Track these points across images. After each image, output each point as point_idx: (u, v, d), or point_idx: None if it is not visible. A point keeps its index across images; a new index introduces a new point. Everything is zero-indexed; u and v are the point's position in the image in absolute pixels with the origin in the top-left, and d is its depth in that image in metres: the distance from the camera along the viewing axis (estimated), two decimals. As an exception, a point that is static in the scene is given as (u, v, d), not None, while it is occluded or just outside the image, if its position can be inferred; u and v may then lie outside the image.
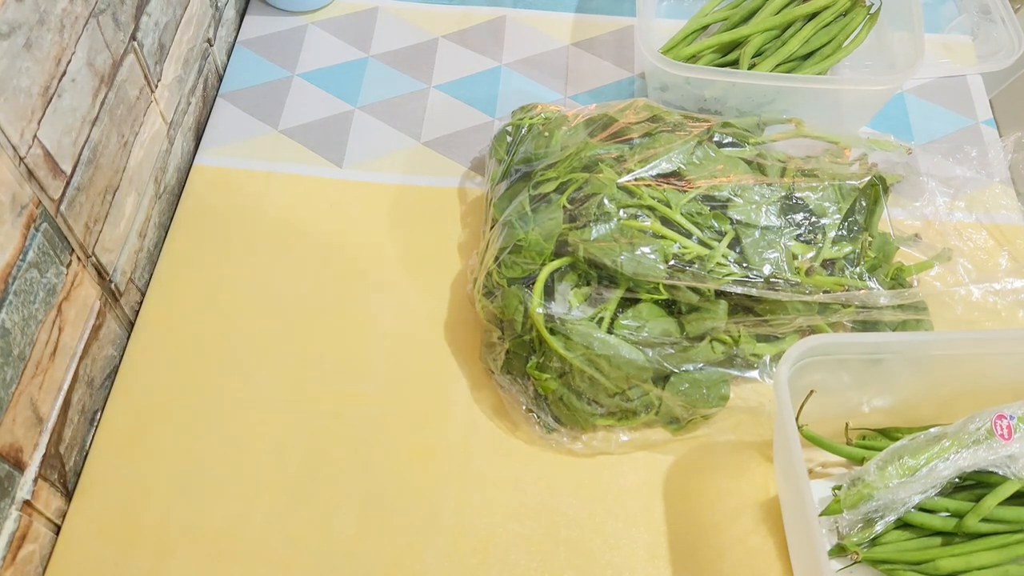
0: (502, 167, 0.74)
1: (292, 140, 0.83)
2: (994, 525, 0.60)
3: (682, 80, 0.79)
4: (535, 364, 0.64)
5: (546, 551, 0.62)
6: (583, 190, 0.66)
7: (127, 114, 0.69)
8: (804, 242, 0.66)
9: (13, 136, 0.53)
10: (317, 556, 0.62)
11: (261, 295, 0.74)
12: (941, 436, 0.59)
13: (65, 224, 0.61)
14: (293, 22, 0.93)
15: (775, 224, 0.65)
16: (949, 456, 0.58)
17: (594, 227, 0.64)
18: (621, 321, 0.63)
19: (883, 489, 0.58)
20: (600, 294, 0.64)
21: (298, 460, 0.66)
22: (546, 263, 0.64)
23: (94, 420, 0.68)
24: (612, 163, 0.67)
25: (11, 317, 0.55)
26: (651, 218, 0.64)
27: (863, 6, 0.86)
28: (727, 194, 0.66)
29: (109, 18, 0.65)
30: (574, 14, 0.95)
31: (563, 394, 0.64)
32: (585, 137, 0.71)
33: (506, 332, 0.65)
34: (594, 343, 0.62)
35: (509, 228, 0.66)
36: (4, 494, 0.55)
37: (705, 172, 0.67)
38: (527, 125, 0.75)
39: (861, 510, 0.59)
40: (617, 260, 0.62)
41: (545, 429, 0.65)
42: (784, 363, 0.57)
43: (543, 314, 0.63)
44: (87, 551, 0.61)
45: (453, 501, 0.64)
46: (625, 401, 0.64)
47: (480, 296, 0.67)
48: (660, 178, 0.67)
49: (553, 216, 0.65)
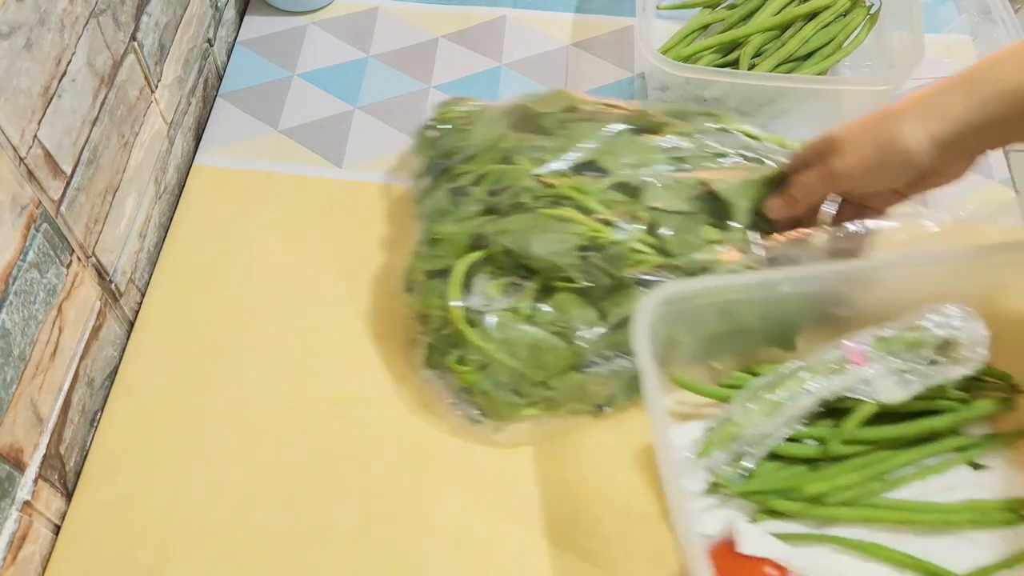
0: (425, 163, 0.74)
1: (292, 140, 0.83)
2: (856, 447, 0.63)
3: (682, 80, 0.79)
4: (456, 358, 0.64)
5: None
6: (500, 182, 0.67)
7: (127, 114, 0.69)
8: (718, 227, 0.66)
9: (13, 136, 0.53)
10: (317, 556, 0.62)
11: (261, 295, 0.74)
12: (799, 369, 0.62)
13: (65, 224, 0.61)
14: (293, 22, 0.93)
15: (689, 210, 0.66)
16: (808, 387, 0.61)
17: (509, 217, 0.64)
18: (541, 310, 0.63)
19: (748, 426, 0.61)
20: (518, 285, 0.65)
21: (298, 460, 0.66)
22: (463, 256, 0.65)
23: (94, 420, 0.68)
24: (529, 154, 0.68)
25: (11, 317, 0.55)
26: (567, 207, 0.65)
27: (863, 6, 0.86)
28: (643, 181, 0.66)
29: (109, 18, 0.65)
30: (574, 14, 0.95)
31: (485, 386, 0.64)
32: (504, 129, 0.71)
33: (427, 327, 0.66)
34: (513, 334, 0.62)
35: (427, 222, 0.67)
36: (4, 495, 0.55)
37: (621, 160, 0.68)
38: (448, 120, 0.75)
39: (732, 448, 0.61)
40: (533, 250, 0.63)
41: (470, 421, 0.66)
42: (641, 312, 0.59)
43: (462, 307, 0.63)
44: (87, 551, 0.61)
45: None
46: (548, 391, 0.64)
47: (402, 292, 0.67)
48: (576, 167, 0.67)
49: (470, 209, 0.66)
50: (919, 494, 0.62)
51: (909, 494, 0.62)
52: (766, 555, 0.57)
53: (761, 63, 0.82)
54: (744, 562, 0.57)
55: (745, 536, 0.58)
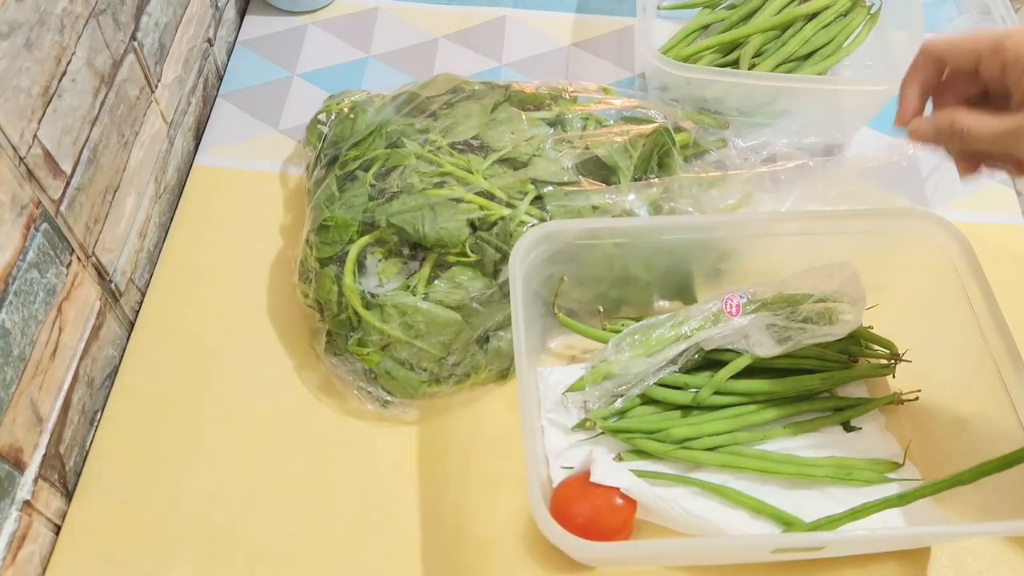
0: (315, 154, 0.74)
1: (292, 140, 0.83)
2: (728, 398, 0.65)
3: (682, 80, 0.79)
4: (356, 340, 0.64)
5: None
6: (387, 164, 0.67)
7: (127, 114, 0.69)
8: (604, 193, 0.68)
9: (13, 136, 0.53)
10: (317, 556, 0.62)
11: (261, 295, 0.74)
12: (678, 316, 0.65)
13: (65, 224, 0.61)
14: (293, 22, 0.93)
15: (574, 180, 0.67)
16: (683, 331, 0.64)
17: (398, 199, 0.65)
18: (436, 285, 0.64)
19: (621, 365, 0.63)
20: (410, 265, 0.66)
21: (298, 460, 0.66)
22: (354, 240, 0.65)
23: (94, 420, 0.68)
24: (415, 136, 0.69)
25: (11, 317, 0.55)
26: (454, 185, 0.66)
27: (863, 6, 0.86)
28: (528, 154, 0.68)
29: (109, 18, 0.65)
30: (574, 14, 0.95)
31: (388, 366, 0.64)
32: (390, 115, 0.72)
33: (325, 313, 0.66)
34: (409, 311, 0.63)
35: (316, 210, 0.68)
36: (4, 494, 0.55)
37: (505, 136, 0.69)
38: (334, 112, 0.75)
39: (605, 387, 0.64)
40: (421, 228, 0.64)
41: (380, 403, 0.66)
42: (517, 250, 0.60)
43: (357, 290, 0.64)
44: (87, 551, 0.61)
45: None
46: (451, 365, 0.65)
47: (299, 282, 0.68)
48: (461, 144, 0.69)
49: (358, 193, 0.66)
50: (788, 448, 0.65)
51: (778, 447, 0.65)
52: (614, 485, 0.58)
53: (762, 63, 0.82)
54: (596, 492, 0.59)
55: (598, 466, 0.59)
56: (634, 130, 0.70)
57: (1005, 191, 0.82)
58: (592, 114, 0.73)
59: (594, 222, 0.65)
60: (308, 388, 0.69)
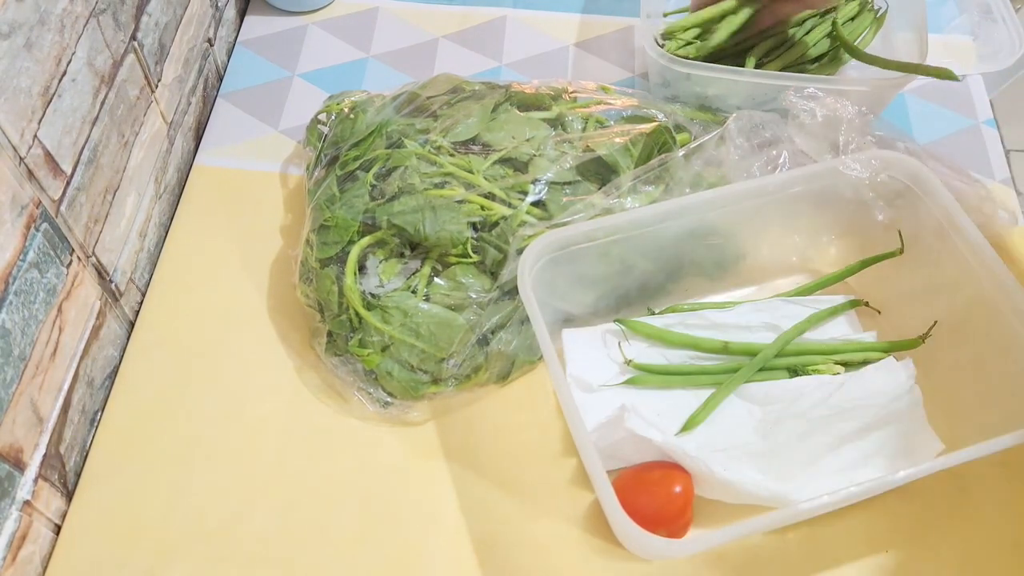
0: (315, 154, 0.74)
1: (292, 140, 0.83)
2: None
3: (684, 78, 0.79)
4: (356, 341, 0.64)
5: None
6: (388, 165, 0.67)
7: (127, 114, 0.69)
8: (605, 193, 0.68)
9: (13, 136, 0.53)
10: (317, 556, 0.62)
11: (261, 295, 0.74)
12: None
13: (65, 224, 0.61)
14: (293, 22, 0.93)
15: (575, 179, 0.68)
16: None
17: (399, 200, 0.65)
18: (436, 284, 0.65)
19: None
20: (411, 265, 0.66)
21: (298, 460, 0.66)
22: (354, 240, 0.65)
23: (94, 420, 0.68)
24: (416, 136, 0.69)
25: (11, 317, 0.55)
26: (455, 185, 0.66)
27: (870, 10, 0.86)
28: (528, 155, 0.68)
29: (109, 18, 0.65)
30: (575, 14, 0.95)
31: (389, 367, 0.64)
32: (391, 115, 0.72)
33: (326, 314, 0.66)
34: (410, 312, 0.63)
35: (316, 211, 0.67)
36: (4, 494, 0.55)
37: (505, 136, 0.69)
38: (334, 112, 0.75)
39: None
40: (422, 229, 0.64)
41: (380, 404, 0.66)
42: (525, 258, 0.60)
43: (358, 291, 0.64)
44: (87, 551, 0.61)
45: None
46: (451, 366, 0.65)
47: (299, 283, 0.68)
48: (462, 145, 0.69)
49: (359, 193, 0.66)
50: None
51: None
52: (646, 436, 0.60)
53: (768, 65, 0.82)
54: (653, 483, 0.60)
55: (631, 415, 0.61)
56: (635, 130, 0.71)
57: (1005, 191, 0.82)
58: (593, 115, 0.73)
59: (594, 223, 0.64)
60: (308, 388, 0.69)
